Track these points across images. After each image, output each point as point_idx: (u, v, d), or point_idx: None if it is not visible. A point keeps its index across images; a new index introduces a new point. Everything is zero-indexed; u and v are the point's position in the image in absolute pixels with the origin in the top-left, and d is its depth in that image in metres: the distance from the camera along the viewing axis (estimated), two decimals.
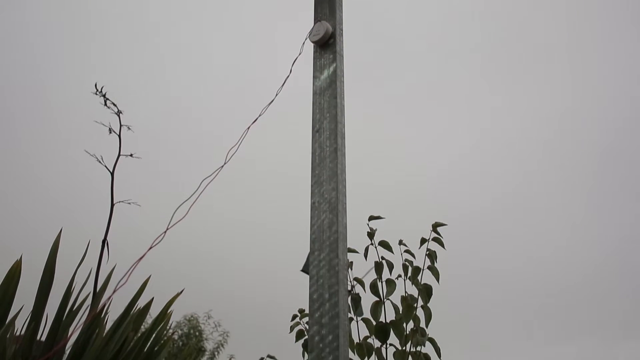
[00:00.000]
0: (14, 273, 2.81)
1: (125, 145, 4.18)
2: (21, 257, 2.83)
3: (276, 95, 2.27)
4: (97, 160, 4.03)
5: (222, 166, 2.00)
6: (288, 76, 2.32)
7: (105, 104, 4.11)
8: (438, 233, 2.89)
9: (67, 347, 3.05)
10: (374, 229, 2.89)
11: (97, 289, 3.44)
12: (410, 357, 2.70)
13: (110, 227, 3.89)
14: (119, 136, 4.17)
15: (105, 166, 4.09)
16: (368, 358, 2.76)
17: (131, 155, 4.16)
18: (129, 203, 3.97)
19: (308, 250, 1.75)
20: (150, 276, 3.23)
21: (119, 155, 4.15)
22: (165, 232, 1.74)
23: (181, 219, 1.78)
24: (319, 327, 1.59)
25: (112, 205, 3.97)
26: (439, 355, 2.76)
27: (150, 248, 1.71)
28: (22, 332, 2.96)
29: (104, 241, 3.82)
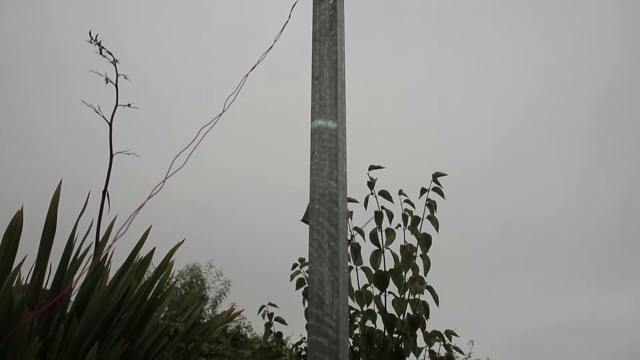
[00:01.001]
0: (17, 223, 2.83)
1: (122, 95, 4.13)
2: (22, 207, 2.84)
3: (275, 41, 2.21)
4: (95, 110, 3.99)
5: (221, 114, 1.97)
6: (287, 22, 2.26)
7: (101, 53, 4.03)
8: (438, 183, 2.89)
9: (72, 295, 3.11)
10: (374, 178, 2.89)
11: (99, 239, 3.47)
12: (408, 304, 2.75)
13: (110, 178, 3.89)
14: (116, 86, 4.11)
15: (103, 116, 4.05)
16: (367, 305, 2.82)
17: (129, 105, 4.11)
18: (128, 154, 3.96)
19: (308, 201, 1.75)
20: (151, 226, 3.25)
21: (117, 105, 4.10)
22: (164, 181, 1.73)
23: (180, 168, 1.77)
24: (319, 276, 1.60)
25: (111, 156, 3.96)
26: (437, 303, 2.81)
27: (150, 197, 1.71)
28: (28, 281, 3.01)
29: (104, 192, 3.83)
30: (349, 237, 2.90)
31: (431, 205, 2.87)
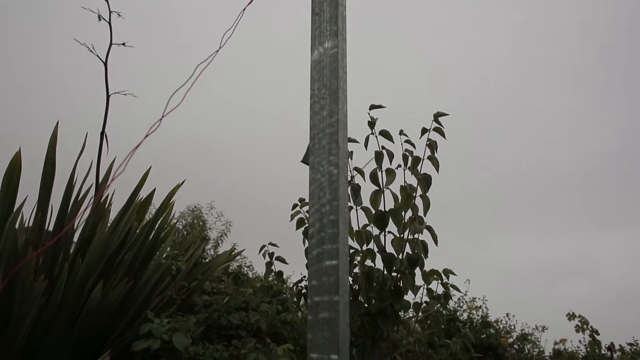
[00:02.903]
0: (15, 164, 2.82)
1: (116, 34, 4.02)
2: (20, 149, 2.82)
3: None
4: (89, 49, 3.90)
5: (217, 50, 1.91)
6: None
7: None
8: (439, 123, 2.85)
9: (74, 236, 3.14)
10: (375, 118, 2.84)
11: (99, 180, 3.48)
12: (407, 244, 2.77)
13: (107, 119, 3.86)
14: (109, 24, 3.99)
15: (98, 56, 3.96)
16: (367, 245, 2.84)
17: (123, 44, 4.01)
18: (125, 94, 3.90)
19: (309, 141, 1.72)
20: (150, 167, 3.24)
21: (111, 44, 4.00)
22: (160, 120, 1.70)
23: (176, 107, 1.73)
24: (319, 215, 1.60)
25: (108, 96, 3.90)
26: (436, 243, 2.83)
27: (147, 136, 1.68)
28: (30, 223, 3.04)
29: (102, 133, 3.80)
30: (349, 178, 2.89)
31: (432, 145, 2.84)
